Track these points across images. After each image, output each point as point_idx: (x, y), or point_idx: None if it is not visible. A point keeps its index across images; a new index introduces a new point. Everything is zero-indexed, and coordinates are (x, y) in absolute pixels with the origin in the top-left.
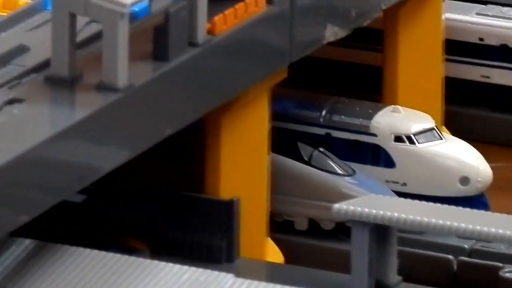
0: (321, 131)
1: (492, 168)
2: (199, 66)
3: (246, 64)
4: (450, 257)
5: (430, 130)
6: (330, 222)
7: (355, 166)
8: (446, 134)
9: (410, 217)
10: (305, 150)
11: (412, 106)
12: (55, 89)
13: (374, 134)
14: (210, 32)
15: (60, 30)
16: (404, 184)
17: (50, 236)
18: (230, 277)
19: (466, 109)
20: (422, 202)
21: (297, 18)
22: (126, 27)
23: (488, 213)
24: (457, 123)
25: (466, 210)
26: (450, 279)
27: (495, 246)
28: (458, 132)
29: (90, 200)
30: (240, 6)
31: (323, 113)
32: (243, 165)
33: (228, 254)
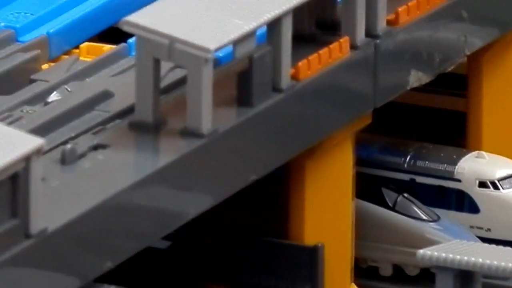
0: (405, 177)
1: None
2: (283, 111)
3: (330, 109)
4: None
5: None
6: (415, 268)
7: (440, 211)
8: None
9: (495, 263)
10: (389, 195)
11: (496, 151)
12: (139, 134)
13: (458, 180)
14: (294, 77)
15: (144, 76)
16: (488, 229)
17: (134, 282)
18: None
19: None
20: (507, 248)
21: (381, 63)
22: (210, 73)
23: None
24: None
25: None
26: None
27: None
28: None
29: (174, 246)
30: (324, 51)
31: (407, 158)
32: (328, 210)
33: None
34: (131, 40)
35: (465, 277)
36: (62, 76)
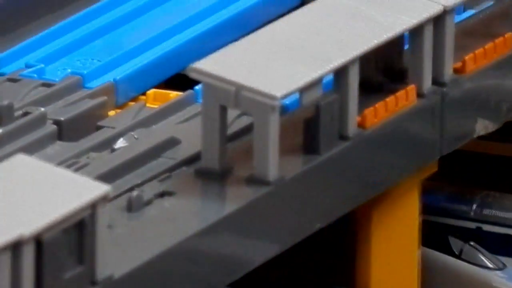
0: (471, 225)
1: None
2: (350, 159)
3: (397, 157)
4: None
5: None
6: None
7: (506, 260)
8: None
9: None
10: (455, 244)
11: None
12: (206, 182)
13: None
14: (360, 125)
15: (211, 123)
16: None
17: None
18: None
19: None
20: None
21: (447, 111)
22: (277, 120)
23: None
24: None
25: None
26: None
27: None
28: None
29: None
30: (390, 99)
31: (474, 207)
32: (394, 258)
33: None
34: (198, 87)
35: None
36: (129, 122)
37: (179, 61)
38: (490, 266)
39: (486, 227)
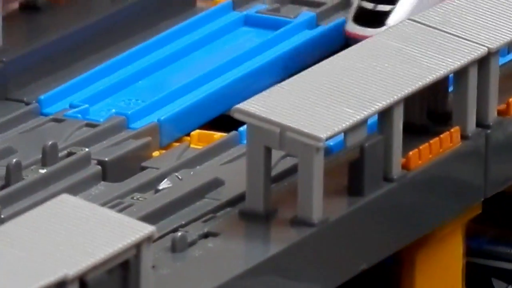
0: None
1: None
2: (394, 201)
3: (441, 199)
4: None
5: None
6: None
7: None
8: None
9: None
10: (499, 286)
11: None
12: (250, 223)
13: None
14: (404, 167)
15: (255, 164)
16: None
17: None
18: None
19: None
20: None
21: (492, 153)
22: (321, 162)
23: None
24: None
25: None
26: None
27: None
28: None
29: None
30: (435, 141)
31: None
32: None
33: None
34: (242, 128)
35: None
36: (173, 163)
37: (224, 102)
38: None
39: None
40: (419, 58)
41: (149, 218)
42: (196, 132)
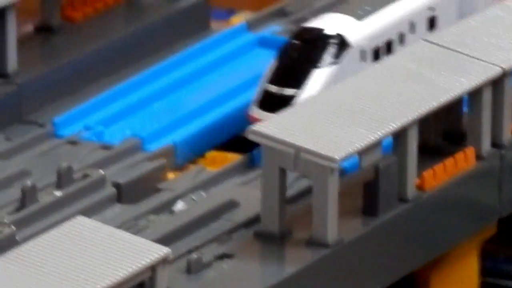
0: None
1: None
2: (409, 221)
3: (456, 219)
4: None
5: None
6: None
7: None
8: None
9: None
10: None
11: None
12: (265, 244)
13: None
14: (419, 187)
15: (270, 185)
16: None
17: None
18: None
19: None
20: None
21: (506, 173)
22: (336, 183)
23: None
24: None
25: None
26: None
27: None
28: None
29: None
30: (449, 161)
31: None
32: None
33: None
34: (257, 149)
35: None
36: (188, 185)
37: (238, 124)
38: None
39: None
40: (434, 79)
41: (164, 240)
42: (211, 153)
